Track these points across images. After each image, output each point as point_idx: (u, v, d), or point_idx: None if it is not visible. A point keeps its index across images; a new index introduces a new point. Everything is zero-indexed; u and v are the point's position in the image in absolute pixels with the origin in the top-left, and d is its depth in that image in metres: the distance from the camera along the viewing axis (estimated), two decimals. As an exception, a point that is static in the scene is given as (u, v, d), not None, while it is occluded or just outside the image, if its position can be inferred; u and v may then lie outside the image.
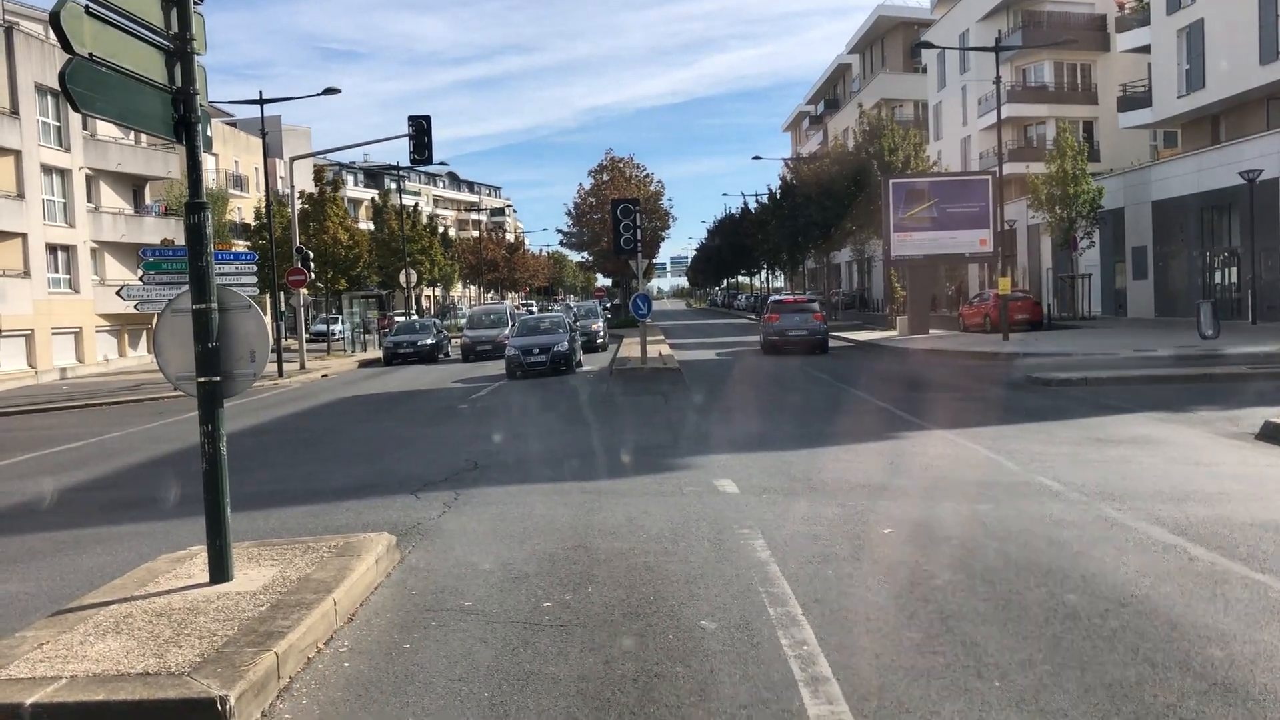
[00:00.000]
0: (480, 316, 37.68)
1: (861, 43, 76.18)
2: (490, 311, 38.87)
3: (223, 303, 6.54)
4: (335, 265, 39.73)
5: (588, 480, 10.76)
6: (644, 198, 49.24)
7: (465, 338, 34.76)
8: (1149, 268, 37.56)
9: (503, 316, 36.27)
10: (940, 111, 60.81)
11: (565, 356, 25.64)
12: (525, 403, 19.74)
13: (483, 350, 32.99)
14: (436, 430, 16.19)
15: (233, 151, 59.45)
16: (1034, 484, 9.65)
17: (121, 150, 42.14)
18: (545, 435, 14.86)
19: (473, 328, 35.94)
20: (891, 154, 37.08)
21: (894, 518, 8.43)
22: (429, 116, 30.40)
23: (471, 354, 33.33)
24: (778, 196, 58.14)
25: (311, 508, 10.05)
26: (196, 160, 6.43)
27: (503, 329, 33.38)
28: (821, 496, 9.36)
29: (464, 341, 34.47)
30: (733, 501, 9.29)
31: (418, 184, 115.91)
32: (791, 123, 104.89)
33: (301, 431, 17.57)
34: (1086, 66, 51.70)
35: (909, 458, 11.44)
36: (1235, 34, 32.41)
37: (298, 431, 17.56)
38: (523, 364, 25.25)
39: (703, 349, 35.41)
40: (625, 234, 23.83)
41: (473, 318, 38.32)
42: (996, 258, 34.46)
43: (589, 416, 16.97)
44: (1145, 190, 37.57)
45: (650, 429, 14.87)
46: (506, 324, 34.05)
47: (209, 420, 6.40)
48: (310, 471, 12.68)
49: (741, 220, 75.38)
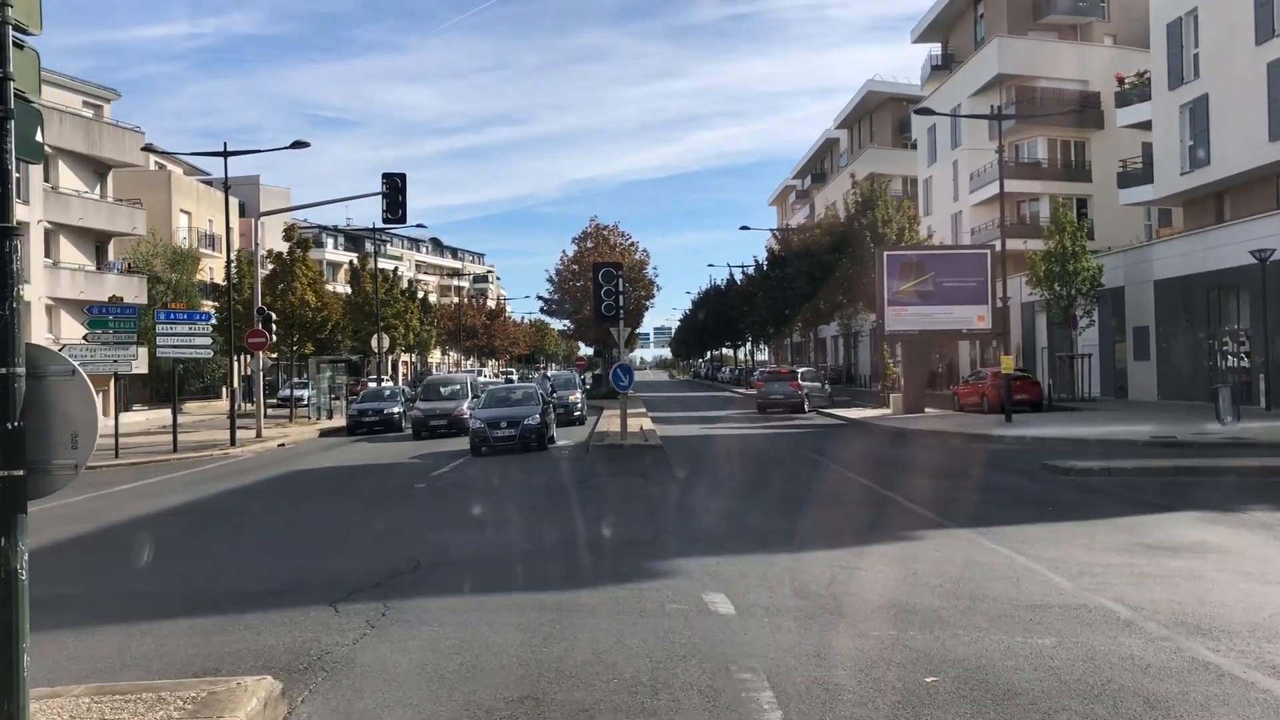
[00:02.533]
0: (435, 386, 32.54)
1: (850, 117, 75.83)
2: (447, 381, 33.83)
3: (34, 366, 4.72)
4: (302, 328, 37.85)
5: (549, 589, 8.85)
6: (628, 266, 47.82)
7: (417, 411, 29.81)
8: (1151, 349, 36.14)
9: (462, 388, 31.81)
10: (930, 186, 59.95)
11: (536, 431, 23.11)
12: (488, 483, 17.78)
13: (436, 426, 28.63)
14: (383, 516, 14.25)
15: (207, 210, 57.96)
16: (1095, 608, 7.83)
17: (84, 204, 40.49)
18: (505, 525, 12.96)
19: (427, 399, 31.02)
20: (885, 225, 35.80)
21: (933, 657, 6.59)
22: (404, 175, 28.91)
23: (424, 430, 28.67)
24: (764, 268, 56.90)
25: (205, 621, 8.11)
26: (5, 170, 4.66)
27: (461, 401, 29.51)
28: (837, 621, 7.51)
29: (415, 415, 29.55)
30: (728, 626, 7.43)
31: (400, 249, 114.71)
32: (778, 197, 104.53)
33: (231, 514, 15.60)
34: (1080, 144, 50.95)
35: (932, 566, 9.60)
36: (1242, 109, 31.40)
37: (227, 514, 15.59)
38: (489, 438, 22.81)
39: (686, 423, 33.61)
40: (607, 300, 22.12)
41: (427, 387, 33.07)
42: (994, 335, 32.95)
43: (558, 502, 15.01)
44: (1147, 269, 36.32)
45: (628, 519, 12.99)
46: (466, 396, 30.27)
47: (5, 531, 4.54)
48: (223, 567, 10.75)
49: (727, 291, 74.17)
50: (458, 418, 28.04)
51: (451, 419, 28.38)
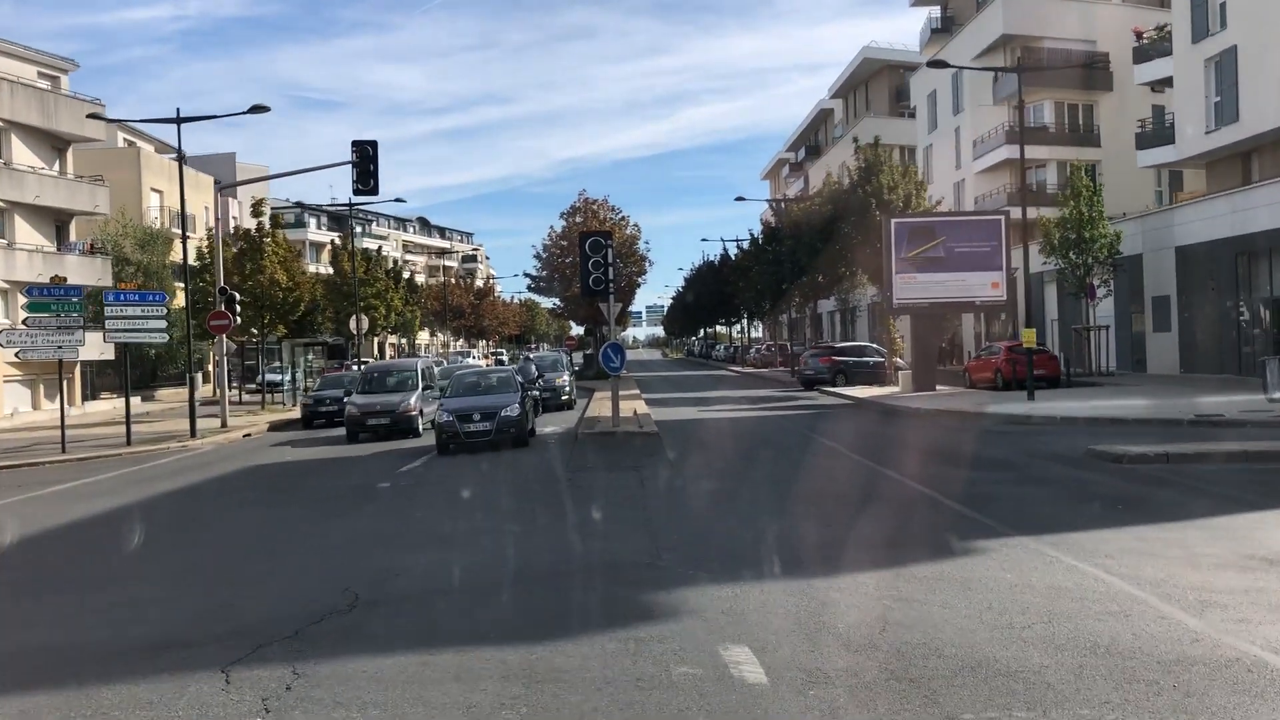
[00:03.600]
0: (376, 376, 26.25)
1: (845, 86, 73.56)
2: (390, 369, 27.42)
3: None
4: (273, 309, 35.56)
5: (517, 641, 6.73)
6: (619, 241, 45.58)
7: (351, 407, 24.17)
8: (1172, 319, 34.12)
9: (410, 377, 25.63)
10: (930, 155, 57.78)
11: (515, 424, 19.75)
12: (456, 488, 15.40)
13: (376, 426, 23.42)
14: (328, 528, 12.13)
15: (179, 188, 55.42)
16: (1250, 662, 5.79)
17: (41, 181, 38.10)
18: (470, 542, 10.80)
19: (366, 390, 25.20)
20: (891, 192, 33.63)
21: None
22: (375, 142, 26.76)
23: (359, 429, 23.51)
24: (760, 241, 54.75)
25: (47, 700, 6.00)
26: None
27: (408, 395, 24.31)
28: (912, 694, 5.43)
29: (350, 412, 24.08)
30: (759, 707, 5.35)
31: (386, 229, 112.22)
32: (770, 170, 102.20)
33: (156, 525, 13.45)
34: (1089, 107, 48.79)
35: (1007, 594, 7.53)
36: (1274, 61, 29.26)
37: (152, 524, 13.43)
38: (459, 434, 19.40)
39: (683, 405, 31.53)
40: (595, 272, 19.89)
41: (366, 377, 26.48)
42: (1008, 305, 30.91)
43: (536, 510, 12.73)
44: (1167, 235, 34.26)
45: (621, 531, 10.88)
46: (415, 387, 24.83)
47: None
48: (115, 601, 8.66)
49: (721, 267, 71.96)
50: (404, 415, 23.43)
51: (395, 417, 23.40)
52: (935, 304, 31.06)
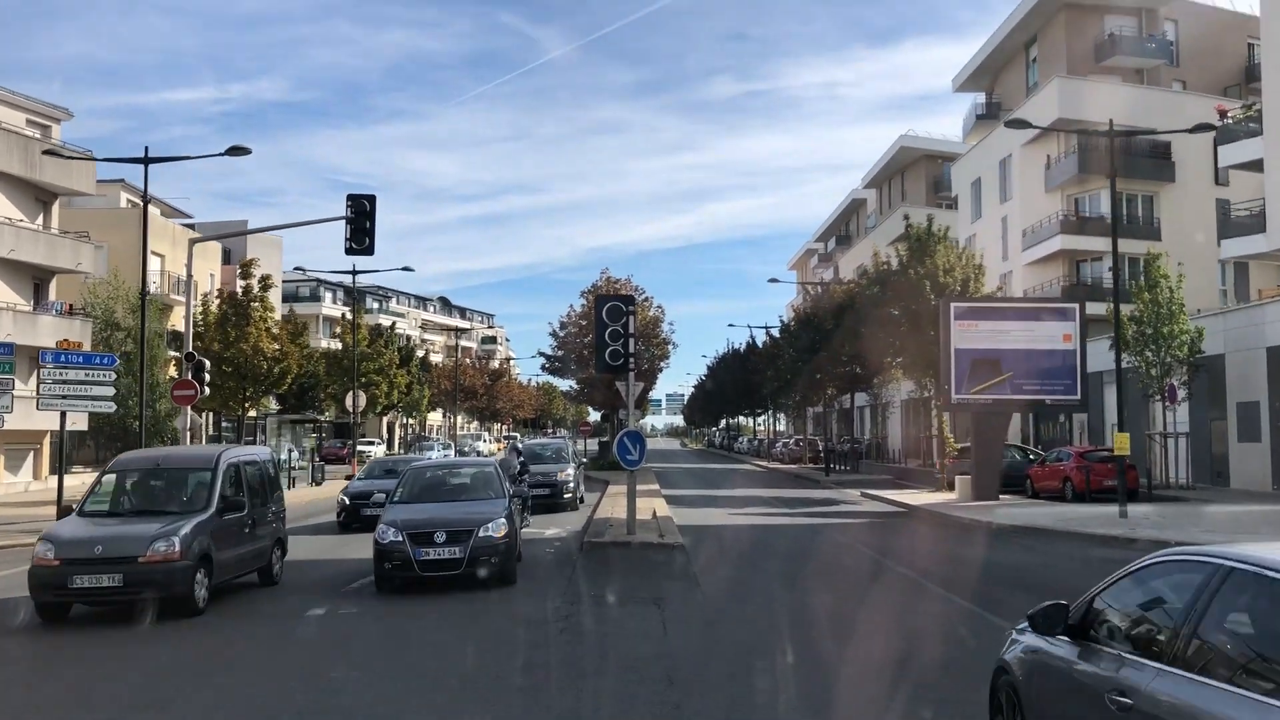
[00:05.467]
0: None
1: (880, 176, 71.12)
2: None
3: None
4: (255, 380, 32.13)
5: None
6: (642, 322, 42.22)
7: (343, 497, 22.31)
8: (1262, 428, 30.18)
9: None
10: (973, 245, 54.45)
11: (498, 548, 13.31)
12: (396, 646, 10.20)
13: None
14: (202, 699, 8.36)
15: (182, 254, 52.69)
16: None
17: (18, 234, 35.17)
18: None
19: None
20: (946, 274, 30.20)
21: None
22: (373, 197, 23.79)
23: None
24: (791, 328, 51.34)
25: None
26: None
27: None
28: None
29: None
30: None
31: (405, 306, 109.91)
32: (798, 261, 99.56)
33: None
34: (1148, 197, 45.48)
35: None
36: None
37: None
38: (413, 562, 12.99)
39: (710, 505, 27.69)
40: (614, 343, 16.26)
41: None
42: (1084, 406, 27.13)
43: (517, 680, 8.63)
44: (1255, 334, 30.56)
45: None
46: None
47: None
48: None
49: (747, 355, 68.48)
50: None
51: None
52: (1001, 401, 27.28)
